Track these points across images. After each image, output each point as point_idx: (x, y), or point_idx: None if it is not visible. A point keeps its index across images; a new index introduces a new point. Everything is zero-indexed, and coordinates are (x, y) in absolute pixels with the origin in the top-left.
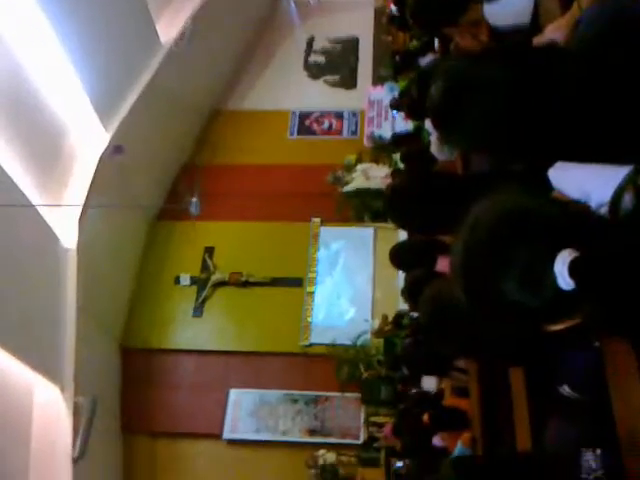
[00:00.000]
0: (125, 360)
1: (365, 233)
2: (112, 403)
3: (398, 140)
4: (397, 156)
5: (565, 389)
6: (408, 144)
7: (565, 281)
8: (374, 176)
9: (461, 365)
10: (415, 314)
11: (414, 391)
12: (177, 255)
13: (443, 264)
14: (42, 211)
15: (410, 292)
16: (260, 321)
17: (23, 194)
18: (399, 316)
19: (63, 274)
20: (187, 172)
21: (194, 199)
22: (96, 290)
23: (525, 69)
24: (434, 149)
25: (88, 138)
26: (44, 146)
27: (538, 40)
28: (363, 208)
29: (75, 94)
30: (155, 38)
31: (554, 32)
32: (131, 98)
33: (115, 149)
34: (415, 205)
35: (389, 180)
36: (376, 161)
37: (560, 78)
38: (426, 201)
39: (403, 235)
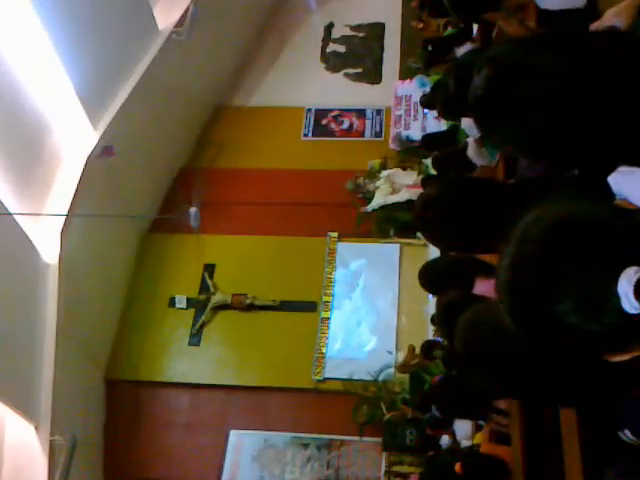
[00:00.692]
0: (110, 394)
1: (390, 250)
2: (95, 443)
3: (429, 142)
4: (428, 161)
5: (627, 435)
6: (441, 147)
7: (630, 303)
8: (401, 184)
9: (501, 406)
10: (448, 344)
11: (445, 436)
12: (172, 273)
13: (482, 287)
14: (20, 221)
15: (443, 318)
16: (266, 351)
17: None
18: (429, 347)
19: (42, 292)
20: (186, 177)
21: (193, 209)
22: (79, 311)
23: (586, 57)
24: (471, 153)
25: (74, 137)
26: (23, 146)
27: (596, 26)
28: (387, 221)
29: (60, 87)
30: (152, 24)
31: (614, 17)
32: (124, 92)
33: (104, 150)
34: (450, 217)
35: (418, 189)
36: (403, 167)
37: (625, 68)
38: (463, 213)
39: (434, 252)
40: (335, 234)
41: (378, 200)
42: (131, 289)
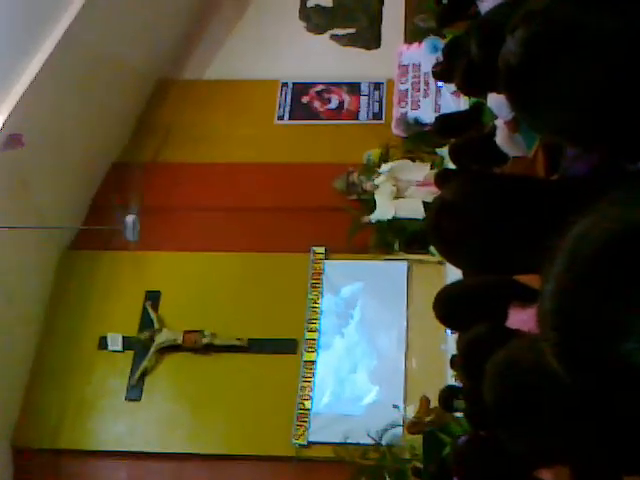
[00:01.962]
0: (20, 467)
1: (394, 270)
2: None
3: (445, 126)
4: (444, 151)
5: None
6: (461, 132)
7: None
8: (408, 181)
9: (546, 477)
10: (474, 395)
11: None
12: (103, 304)
13: (518, 318)
14: None
15: (467, 361)
16: (231, 407)
17: None
18: (448, 398)
19: None
20: (120, 175)
21: (130, 217)
22: None
23: None
24: (501, 140)
25: None
26: None
27: None
28: (391, 231)
29: None
30: None
31: None
32: (35, 65)
33: (9, 140)
34: (474, 227)
35: (431, 188)
36: (411, 159)
37: None
38: (492, 221)
39: (454, 273)
40: (321, 249)
41: (385, 207)
42: (48, 326)
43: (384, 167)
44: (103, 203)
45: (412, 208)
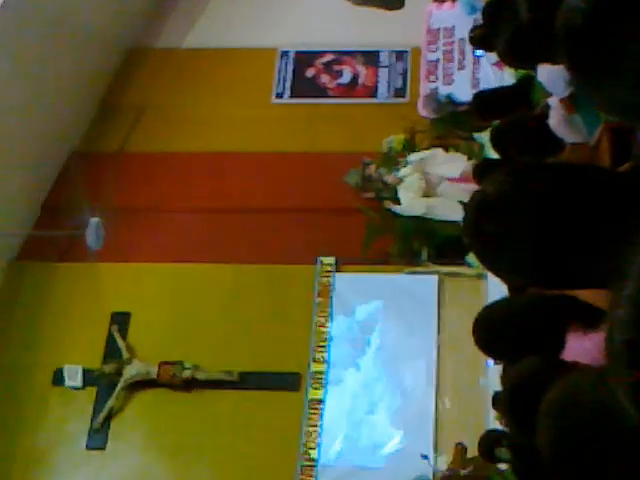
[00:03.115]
0: None
1: (422, 285)
2: None
3: (486, 105)
4: (484, 136)
5: None
6: (504, 113)
7: None
8: (440, 175)
9: None
10: (523, 441)
11: None
12: (58, 329)
13: (579, 346)
14: None
15: (515, 399)
16: (218, 458)
17: None
18: (490, 445)
19: None
20: (81, 167)
21: (94, 219)
22: None
23: None
24: (556, 122)
25: None
26: None
27: None
28: (417, 237)
29: None
30: None
31: None
32: None
33: None
34: (523, 232)
35: (469, 184)
36: (443, 146)
37: None
38: (547, 221)
39: (497, 288)
40: (330, 260)
41: (413, 203)
42: None
43: (411, 158)
44: (58, 203)
45: (445, 209)
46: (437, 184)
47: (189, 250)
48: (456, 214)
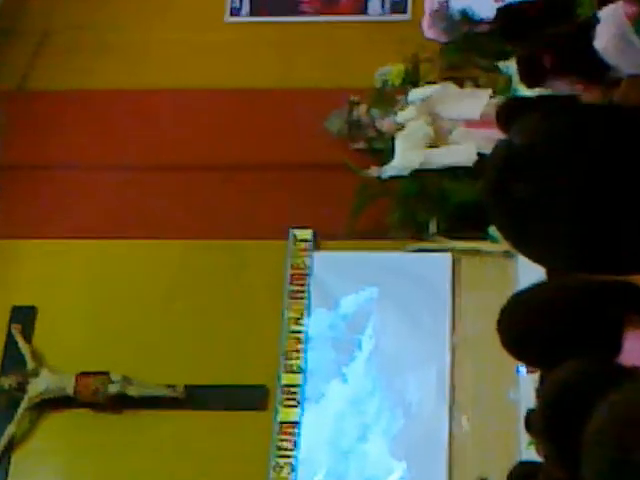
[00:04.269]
0: None
1: (430, 267)
2: None
3: (514, 23)
4: (511, 66)
5: None
6: (538, 32)
7: None
8: (453, 118)
9: None
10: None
11: None
12: None
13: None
14: None
15: (554, 418)
16: None
17: None
18: (522, 478)
19: None
20: None
21: None
22: None
23: None
24: (608, 43)
25: None
26: None
27: None
28: (423, 203)
29: None
30: None
31: None
32: None
33: None
34: (566, 191)
35: (492, 129)
36: (457, 80)
37: None
38: (594, 181)
39: (530, 271)
40: (306, 233)
41: (407, 154)
42: None
43: (413, 94)
44: None
45: (458, 161)
46: (449, 130)
47: (115, 222)
48: (469, 160)
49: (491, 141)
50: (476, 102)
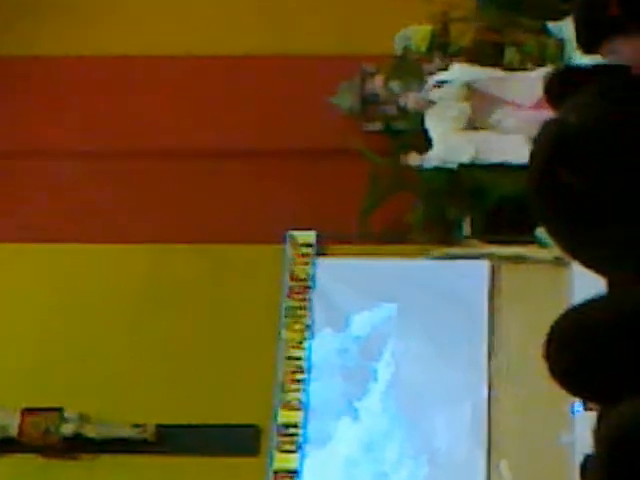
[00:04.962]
0: None
1: (463, 276)
2: None
3: None
4: (565, 27)
5: None
6: None
7: None
8: (496, 97)
9: None
10: None
11: None
12: None
13: None
14: None
15: (619, 465)
16: None
17: None
18: None
19: None
20: None
21: None
22: None
23: None
24: None
25: None
26: None
27: None
28: (453, 199)
29: None
30: None
31: None
32: None
33: None
34: (633, 182)
35: (545, 112)
36: (497, 43)
37: None
38: None
39: (588, 281)
40: (309, 236)
41: (455, 141)
42: None
43: (452, 71)
44: None
45: (503, 150)
46: (491, 111)
47: (72, 222)
48: (521, 156)
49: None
50: (528, 82)
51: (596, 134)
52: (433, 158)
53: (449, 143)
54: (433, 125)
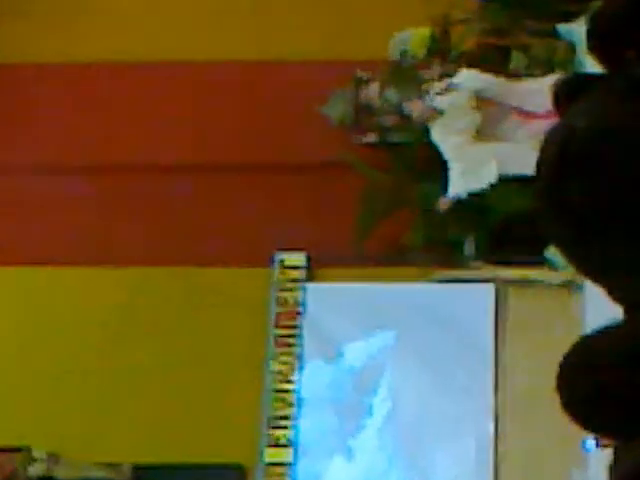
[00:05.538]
0: None
1: (466, 301)
2: None
3: None
4: (576, 29)
5: None
6: None
7: None
8: (507, 104)
9: None
10: None
11: None
12: None
13: None
14: None
15: None
16: None
17: None
18: None
19: None
20: None
21: None
22: None
23: None
24: None
25: None
26: None
27: None
28: (456, 218)
29: None
30: None
31: None
32: None
33: None
34: None
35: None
36: (501, 47)
37: None
38: None
39: (602, 306)
40: (298, 258)
41: (479, 161)
42: None
43: (460, 77)
44: None
45: (523, 163)
46: (500, 121)
47: (42, 243)
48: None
49: None
50: (540, 89)
51: (608, 140)
52: (456, 185)
53: (467, 158)
54: (442, 138)
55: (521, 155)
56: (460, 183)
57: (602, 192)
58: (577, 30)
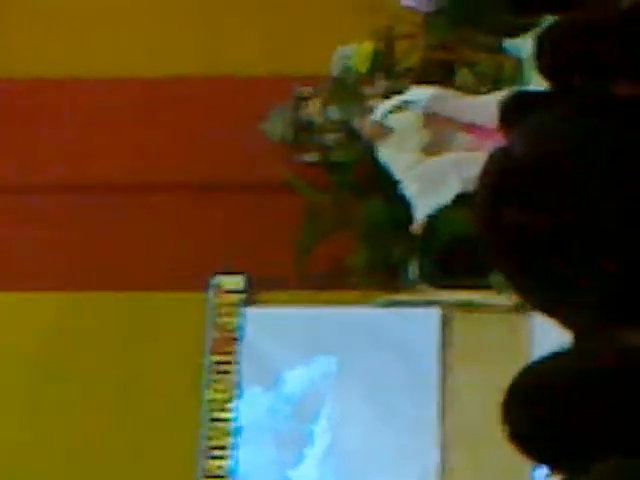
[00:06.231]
0: None
1: (410, 327)
2: None
3: None
4: (523, 45)
5: None
6: (562, 3)
7: None
8: (455, 119)
9: None
10: None
11: None
12: None
13: None
14: None
15: None
16: None
17: None
18: None
19: None
20: None
21: None
22: None
23: None
24: None
25: None
26: None
27: None
28: (399, 239)
29: None
30: None
31: None
32: None
33: None
34: (594, 221)
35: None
36: (447, 62)
37: None
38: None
39: (550, 331)
40: (236, 281)
41: (442, 178)
42: None
43: (414, 94)
44: None
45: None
46: (451, 137)
47: None
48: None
49: None
50: (489, 104)
51: (541, 166)
52: (420, 207)
53: (422, 177)
54: (391, 158)
55: (477, 158)
56: (423, 203)
57: (531, 219)
58: (524, 45)
